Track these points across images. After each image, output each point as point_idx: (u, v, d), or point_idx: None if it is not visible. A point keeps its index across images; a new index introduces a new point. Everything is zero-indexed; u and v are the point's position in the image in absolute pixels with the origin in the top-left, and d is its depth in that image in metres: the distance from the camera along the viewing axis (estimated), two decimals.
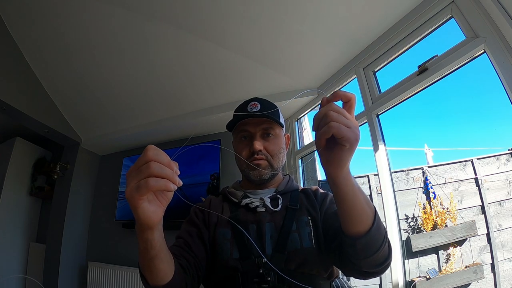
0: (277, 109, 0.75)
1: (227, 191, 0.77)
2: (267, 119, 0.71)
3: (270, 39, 1.63)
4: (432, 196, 1.51)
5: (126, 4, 1.54)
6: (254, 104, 0.73)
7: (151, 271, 0.48)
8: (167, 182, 0.38)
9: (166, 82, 2.04)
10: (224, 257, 0.62)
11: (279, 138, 0.74)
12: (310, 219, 0.66)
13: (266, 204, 0.68)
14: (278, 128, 0.74)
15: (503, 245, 1.37)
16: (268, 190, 0.74)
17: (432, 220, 1.45)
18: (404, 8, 1.35)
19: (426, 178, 1.57)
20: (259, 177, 0.71)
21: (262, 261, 0.59)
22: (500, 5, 1.01)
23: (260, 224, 0.65)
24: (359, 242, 0.47)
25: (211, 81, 1.98)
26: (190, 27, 1.62)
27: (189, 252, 0.63)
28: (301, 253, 0.60)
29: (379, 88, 1.57)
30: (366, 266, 0.51)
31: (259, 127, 0.71)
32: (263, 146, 0.71)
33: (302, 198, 0.72)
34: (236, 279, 0.60)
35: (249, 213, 0.68)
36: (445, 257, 1.42)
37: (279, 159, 0.73)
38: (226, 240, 0.64)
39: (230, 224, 0.66)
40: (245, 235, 0.63)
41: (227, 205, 0.73)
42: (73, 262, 2.41)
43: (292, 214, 0.67)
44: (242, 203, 0.70)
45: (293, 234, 0.63)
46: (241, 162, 0.72)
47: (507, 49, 1.01)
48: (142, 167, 0.37)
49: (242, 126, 0.72)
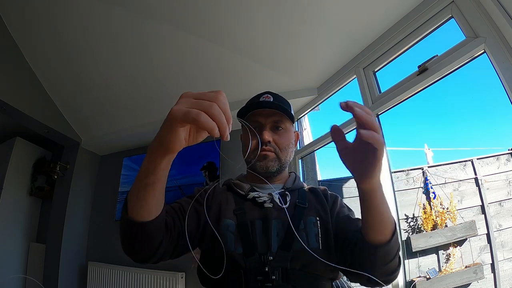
0: (289, 104, 0.74)
1: (232, 182, 0.73)
2: (278, 111, 0.70)
3: (270, 39, 1.63)
4: (432, 196, 1.51)
5: (126, 4, 1.54)
6: (267, 96, 0.73)
7: (137, 199, 0.47)
8: (215, 127, 0.36)
9: (166, 81, 2.04)
10: (228, 249, 0.60)
11: (289, 132, 0.73)
12: (318, 219, 0.64)
13: (275, 199, 0.66)
14: (288, 122, 0.73)
15: (503, 245, 1.37)
16: (276, 186, 0.72)
17: (432, 220, 1.45)
18: (404, 8, 1.35)
19: (426, 178, 1.57)
20: (265, 168, 0.69)
21: (268, 258, 0.57)
22: (500, 5, 1.01)
23: (267, 220, 0.63)
24: (380, 250, 0.49)
25: (211, 81, 1.98)
26: (190, 27, 1.62)
27: (179, 218, 0.60)
28: (307, 253, 0.58)
29: (379, 88, 1.57)
30: (379, 274, 0.51)
31: (270, 119, 0.70)
32: (272, 138, 0.69)
33: (311, 197, 0.70)
34: (239, 276, 0.58)
35: (256, 207, 0.66)
36: (445, 257, 1.42)
37: (287, 154, 0.72)
38: (230, 233, 0.62)
39: (235, 216, 0.64)
40: (250, 230, 0.62)
41: (231, 196, 0.70)
42: (73, 262, 2.41)
43: (301, 212, 0.65)
44: (249, 196, 0.67)
45: (300, 233, 0.61)
46: (248, 153, 0.69)
47: (507, 49, 1.01)
48: (205, 102, 0.37)
49: (253, 116, 0.71)
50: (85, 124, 2.54)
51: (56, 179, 2.56)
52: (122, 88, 2.15)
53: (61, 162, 2.60)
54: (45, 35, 1.83)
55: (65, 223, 2.38)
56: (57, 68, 2.06)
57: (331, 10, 1.41)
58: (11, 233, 2.47)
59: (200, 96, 0.38)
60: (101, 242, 2.54)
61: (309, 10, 1.42)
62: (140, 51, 1.82)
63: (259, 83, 1.92)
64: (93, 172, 2.81)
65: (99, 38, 1.77)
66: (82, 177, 2.65)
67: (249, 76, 1.90)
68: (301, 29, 1.53)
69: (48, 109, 2.28)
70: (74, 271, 2.40)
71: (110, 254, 2.40)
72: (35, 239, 2.66)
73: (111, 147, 2.76)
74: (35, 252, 2.52)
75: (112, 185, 2.62)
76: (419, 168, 1.61)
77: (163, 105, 2.23)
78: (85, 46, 1.85)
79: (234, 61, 1.80)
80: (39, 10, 1.68)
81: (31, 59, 2.05)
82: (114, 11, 1.58)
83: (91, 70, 2.03)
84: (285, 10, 1.45)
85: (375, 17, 1.42)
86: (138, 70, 1.97)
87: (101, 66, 1.98)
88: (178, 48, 1.77)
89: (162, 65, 1.92)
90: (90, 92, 2.22)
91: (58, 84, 2.19)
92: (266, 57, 1.75)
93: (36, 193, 2.70)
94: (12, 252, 2.45)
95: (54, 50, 1.92)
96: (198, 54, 1.78)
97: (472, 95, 1.79)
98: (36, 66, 2.09)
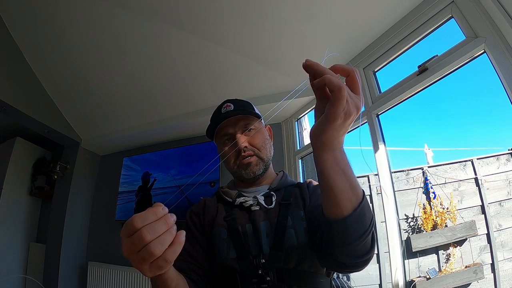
0: (250, 104, 0.75)
1: (221, 191, 0.75)
2: (243, 115, 0.71)
3: (270, 39, 1.63)
4: (432, 196, 1.51)
5: (127, 4, 1.54)
6: (227, 105, 0.73)
7: None
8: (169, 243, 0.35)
9: (166, 82, 2.04)
10: (222, 257, 0.62)
11: (261, 131, 0.74)
12: (305, 213, 0.64)
13: (260, 202, 0.67)
14: (257, 121, 0.74)
15: (503, 245, 1.37)
16: (262, 188, 0.73)
17: (432, 220, 1.45)
18: (404, 8, 1.35)
19: (426, 178, 1.57)
20: (252, 174, 0.70)
21: (260, 261, 0.58)
22: (500, 5, 1.01)
23: (256, 223, 0.64)
24: (336, 225, 0.44)
25: (212, 81, 1.98)
26: (191, 27, 1.62)
27: (195, 264, 0.62)
28: (298, 249, 0.59)
29: (379, 88, 1.57)
30: (342, 255, 0.48)
31: (238, 125, 0.71)
32: (248, 141, 0.70)
33: (296, 192, 0.70)
34: (234, 279, 0.59)
35: (244, 212, 0.67)
36: (445, 257, 1.42)
37: (267, 151, 0.73)
38: (222, 240, 0.64)
39: (226, 223, 0.66)
40: (241, 234, 0.62)
41: (221, 205, 0.72)
42: (73, 262, 2.41)
43: (286, 209, 0.65)
44: (236, 202, 0.69)
45: (289, 230, 0.61)
46: (230, 165, 0.72)
47: (507, 49, 1.01)
48: (134, 239, 0.34)
49: (222, 130, 0.72)
50: (85, 124, 2.54)
51: (56, 179, 2.56)
52: (122, 88, 2.15)
53: (61, 162, 2.60)
54: (45, 35, 1.83)
55: (65, 223, 2.38)
56: (57, 68, 2.06)
57: (331, 10, 1.41)
58: (11, 233, 2.47)
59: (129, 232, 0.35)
60: (101, 242, 2.54)
61: (309, 10, 1.42)
62: (141, 51, 1.82)
63: (259, 83, 1.92)
64: (93, 172, 2.81)
65: (100, 38, 1.77)
66: (82, 177, 2.65)
67: (249, 76, 1.90)
68: (301, 29, 1.53)
69: (48, 109, 2.28)
70: (74, 271, 2.40)
71: (110, 254, 2.40)
72: (35, 239, 2.66)
73: (111, 147, 2.76)
74: (35, 252, 2.53)
75: (112, 185, 2.62)
76: (419, 168, 1.61)
77: (163, 105, 2.23)
78: (85, 46, 1.85)
79: (235, 61, 1.80)
80: (39, 10, 1.68)
81: (31, 59, 2.05)
82: (115, 11, 1.58)
83: (91, 70, 2.03)
84: (285, 11, 1.45)
85: (375, 17, 1.42)
86: (138, 70, 1.97)
87: (101, 66, 1.98)
88: (178, 48, 1.77)
89: (162, 65, 1.92)
90: (90, 92, 2.23)
91: (58, 84, 2.20)
92: (266, 57, 1.75)
93: (36, 193, 2.70)
94: (12, 252, 2.45)
95: (54, 50, 1.92)
96: (198, 54, 1.78)
97: (472, 95, 1.79)
98: (36, 66, 2.09)
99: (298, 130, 2.15)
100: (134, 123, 2.44)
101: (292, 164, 2.01)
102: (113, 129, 2.53)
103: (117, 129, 2.52)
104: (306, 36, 1.56)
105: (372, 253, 0.49)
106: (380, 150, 1.44)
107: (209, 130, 0.75)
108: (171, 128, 2.35)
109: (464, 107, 1.93)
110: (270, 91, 1.94)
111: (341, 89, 0.35)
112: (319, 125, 0.40)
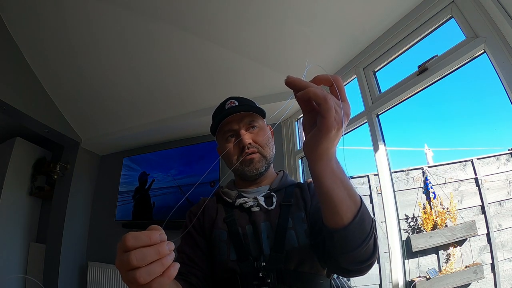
0: (254, 102, 0.75)
1: (221, 192, 0.74)
2: (249, 112, 0.71)
3: (271, 39, 1.63)
4: (432, 196, 1.51)
5: (127, 4, 1.54)
6: (231, 102, 0.73)
7: None
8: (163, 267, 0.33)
9: (166, 82, 2.04)
10: (222, 258, 0.61)
11: (265, 129, 0.74)
12: (306, 215, 0.64)
13: (260, 203, 0.66)
14: (261, 120, 0.74)
15: (503, 245, 1.37)
16: (262, 188, 0.72)
17: (432, 220, 1.45)
18: (404, 8, 1.35)
19: (426, 178, 1.57)
20: (255, 171, 0.69)
21: (261, 263, 0.58)
22: (500, 5, 1.01)
23: (256, 224, 0.63)
24: (337, 234, 0.45)
25: (213, 81, 1.98)
26: (193, 27, 1.62)
27: (194, 267, 0.62)
28: (299, 251, 0.58)
29: (379, 88, 1.57)
30: (345, 262, 0.49)
31: (243, 122, 0.70)
32: (252, 139, 0.69)
33: (297, 193, 0.69)
34: (235, 281, 0.58)
35: (244, 213, 0.66)
36: (445, 257, 1.42)
37: (269, 149, 0.72)
38: (222, 242, 0.63)
39: (226, 225, 0.65)
40: (241, 236, 0.62)
41: (221, 206, 0.71)
42: (73, 262, 2.41)
43: (286, 210, 0.64)
44: (236, 203, 0.68)
45: (289, 232, 0.60)
46: (233, 161, 0.70)
47: (507, 49, 1.01)
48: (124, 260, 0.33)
49: (225, 126, 0.71)
50: (85, 124, 2.54)
51: (56, 179, 2.57)
52: (122, 88, 2.15)
53: (61, 162, 2.60)
54: (45, 35, 1.83)
55: (65, 223, 2.38)
56: (57, 68, 2.07)
57: (331, 10, 1.41)
58: (11, 233, 2.47)
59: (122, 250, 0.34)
60: (101, 242, 2.54)
61: (310, 10, 1.42)
62: (141, 51, 1.82)
63: (260, 82, 1.92)
64: (93, 172, 2.81)
65: (100, 38, 1.77)
66: (82, 177, 2.66)
67: (249, 76, 1.90)
68: (301, 29, 1.53)
69: (48, 109, 2.28)
70: (74, 271, 2.40)
71: (110, 254, 2.40)
72: (35, 239, 2.66)
73: (111, 147, 2.76)
74: (35, 252, 2.53)
75: (112, 185, 2.62)
76: (419, 168, 1.61)
77: (164, 105, 2.23)
78: (85, 46, 1.85)
79: (235, 61, 1.80)
80: (39, 10, 1.68)
81: (31, 59, 2.05)
82: (115, 11, 1.58)
83: (91, 70, 2.03)
84: (285, 11, 1.45)
85: (375, 17, 1.42)
86: (138, 70, 1.97)
87: (101, 66, 1.98)
88: (179, 48, 1.77)
89: (162, 65, 1.92)
90: (90, 92, 2.23)
91: (58, 84, 2.20)
92: (267, 57, 1.75)
93: (36, 193, 2.70)
94: (12, 252, 2.45)
95: (54, 50, 1.92)
96: (199, 54, 1.78)
97: (472, 95, 1.79)
98: (36, 66, 2.09)
99: (298, 130, 2.15)
100: (134, 123, 2.44)
101: (292, 164, 2.01)
102: (113, 129, 2.53)
103: (117, 129, 2.52)
104: (306, 36, 1.56)
105: (375, 256, 0.49)
106: (380, 150, 1.44)
107: (213, 127, 0.74)
108: (171, 128, 2.35)
109: (464, 107, 1.93)
110: (271, 90, 1.93)
111: (326, 100, 0.36)
112: (313, 137, 0.40)
